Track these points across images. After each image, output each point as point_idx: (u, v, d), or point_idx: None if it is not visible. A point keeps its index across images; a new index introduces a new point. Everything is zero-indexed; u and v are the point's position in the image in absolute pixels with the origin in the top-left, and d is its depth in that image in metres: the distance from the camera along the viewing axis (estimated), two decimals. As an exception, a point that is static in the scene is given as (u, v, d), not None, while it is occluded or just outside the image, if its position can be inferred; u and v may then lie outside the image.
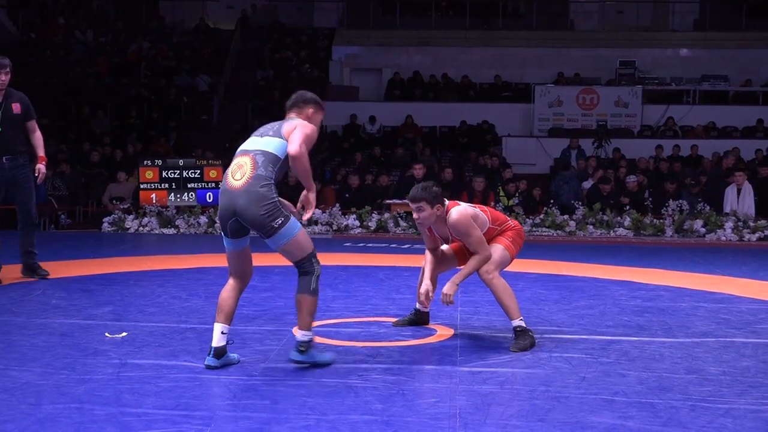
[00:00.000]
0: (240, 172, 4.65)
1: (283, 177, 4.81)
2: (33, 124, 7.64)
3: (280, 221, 4.60)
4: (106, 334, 5.43)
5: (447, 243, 5.59)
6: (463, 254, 5.63)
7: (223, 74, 22.08)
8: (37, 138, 7.65)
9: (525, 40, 22.81)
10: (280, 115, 5.05)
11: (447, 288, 5.25)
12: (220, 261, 9.19)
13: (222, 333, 4.72)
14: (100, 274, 8.11)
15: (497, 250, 5.43)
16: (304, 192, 4.82)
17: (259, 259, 9.22)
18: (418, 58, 22.90)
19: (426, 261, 5.60)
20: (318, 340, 5.32)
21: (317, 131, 4.88)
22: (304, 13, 25.82)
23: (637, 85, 20.49)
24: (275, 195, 4.63)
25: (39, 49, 21.97)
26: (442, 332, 5.68)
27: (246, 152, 4.73)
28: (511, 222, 5.65)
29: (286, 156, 4.65)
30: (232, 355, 4.81)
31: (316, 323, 5.64)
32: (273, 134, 4.74)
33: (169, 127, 19.48)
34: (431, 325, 5.85)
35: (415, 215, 5.36)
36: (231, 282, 4.89)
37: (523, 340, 5.25)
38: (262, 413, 3.89)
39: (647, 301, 7.02)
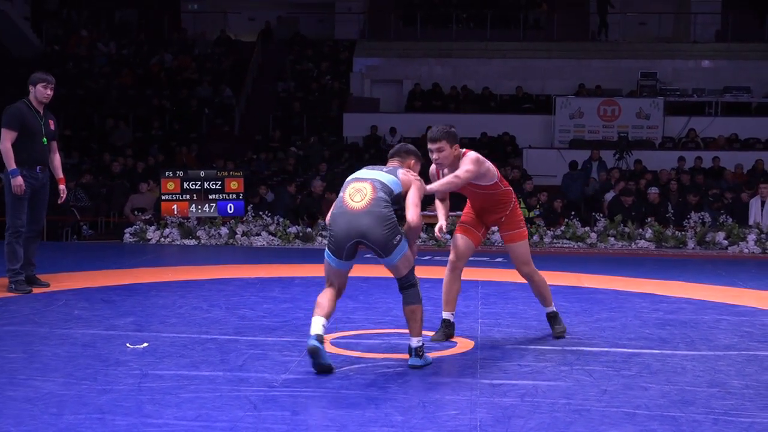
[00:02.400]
0: (359, 195, 4.96)
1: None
2: (55, 145, 7.82)
3: (398, 238, 4.93)
4: (128, 344, 5.45)
5: None
6: (476, 237, 5.81)
7: (245, 86, 22.18)
8: (58, 159, 7.90)
9: (546, 52, 22.77)
10: (300, 127, 5.22)
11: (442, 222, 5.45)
12: (240, 272, 9.25)
13: (322, 325, 4.86)
14: (122, 284, 8.14)
15: (522, 247, 5.76)
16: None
17: (279, 271, 9.25)
18: (439, 69, 22.90)
19: (438, 207, 5.67)
20: (339, 351, 5.33)
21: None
22: (325, 25, 25.93)
23: (658, 97, 20.38)
24: (394, 216, 4.95)
25: (62, 61, 22.17)
26: (462, 344, 5.67)
27: (362, 179, 5.06)
28: (513, 196, 5.87)
29: (399, 193, 5.03)
30: None
31: (337, 334, 5.65)
32: (387, 172, 5.12)
33: (190, 139, 19.58)
34: (452, 338, 5.83)
35: (435, 156, 5.51)
36: (329, 290, 5.06)
37: (559, 324, 5.94)
38: (282, 424, 3.90)
39: (669, 314, 6.97)
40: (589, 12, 24.48)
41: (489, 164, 5.61)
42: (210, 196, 13.07)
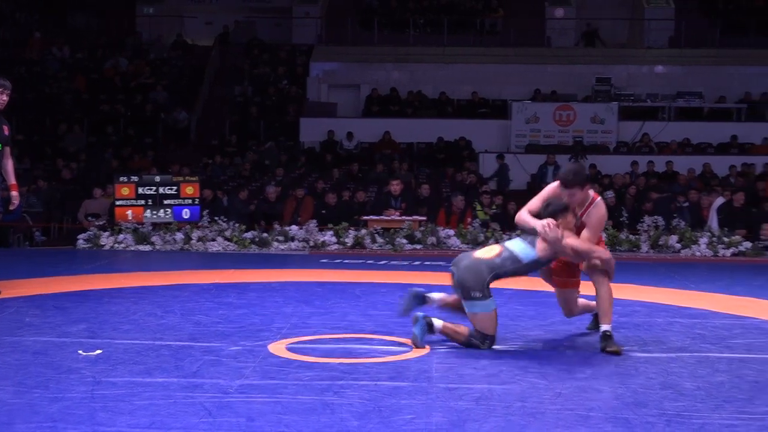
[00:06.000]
0: (487, 248, 5.84)
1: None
2: (9, 150, 7.73)
3: (478, 295, 5.52)
4: (80, 351, 5.38)
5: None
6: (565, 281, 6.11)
7: (201, 90, 22.05)
8: (11, 164, 7.81)
9: (502, 57, 22.91)
10: (257, 132, 5.19)
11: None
12: (195, 278, 9.18)
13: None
14: (75, 291, 8.04)
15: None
16: None
17: (234, 276, 9.19)
18: (396, 74, 22.97)
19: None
20: (294, 356, 5.31)
21: None
22: (283, 29, 25.86)
23: (613, 102, 20.62)
24: (486, 272, 5.53)
25: (14, 65, 21.87)
26: (417, 349, 5.67)
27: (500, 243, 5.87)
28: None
29: (534, 259, 5.63)
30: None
31: (292, 339, 5.60)
32: (527, 242, 5.69)
33: (145, 144, 19.42)
34: (407, 341, 5.83)
35: (566, 199, 5.73)
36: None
37: (610, 343, 5.70)
38: (237, 431, 3.87)
39: (622, 317, 7.02)
40: (544, 18, 24.67)
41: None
42: (165, 202, 12.96)
